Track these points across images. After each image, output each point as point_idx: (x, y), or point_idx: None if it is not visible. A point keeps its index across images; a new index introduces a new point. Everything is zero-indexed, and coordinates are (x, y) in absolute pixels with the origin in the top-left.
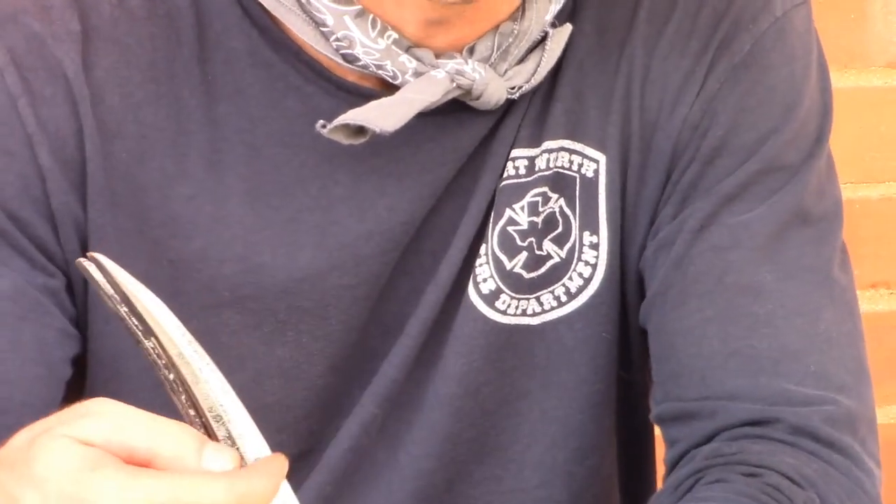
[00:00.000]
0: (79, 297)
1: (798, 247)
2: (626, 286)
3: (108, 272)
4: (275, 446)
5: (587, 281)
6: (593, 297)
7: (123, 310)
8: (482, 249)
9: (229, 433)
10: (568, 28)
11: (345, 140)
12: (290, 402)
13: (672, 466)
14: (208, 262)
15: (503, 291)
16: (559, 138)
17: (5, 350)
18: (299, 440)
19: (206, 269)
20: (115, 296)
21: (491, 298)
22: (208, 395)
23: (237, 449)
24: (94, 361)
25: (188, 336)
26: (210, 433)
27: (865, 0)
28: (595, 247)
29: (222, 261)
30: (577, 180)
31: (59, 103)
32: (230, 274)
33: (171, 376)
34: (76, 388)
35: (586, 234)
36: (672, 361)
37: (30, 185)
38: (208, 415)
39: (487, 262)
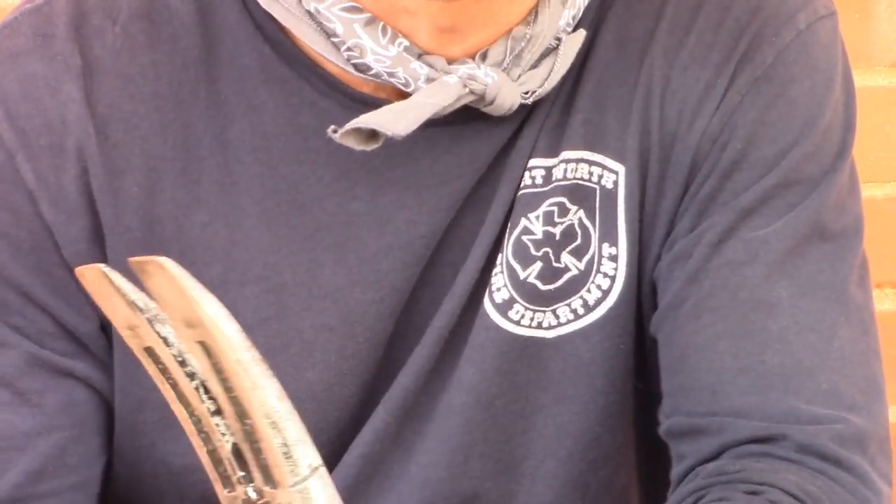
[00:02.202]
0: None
1: (815, 263)
2: (642, 297)
3: (167, 277)
4: None
5: (605, 293)
6: (612, 309)
7: (145, 317)
8: (498, 259)
9: (285, 441)
10: (581, 34)
11: (356, 146)
12: (323, 425)
13: (678, 482)
14: (228, 287)
15: (517, 301)
16: (578, 149)
17: (30, 427)
18: (332, 459)
19: (227, 294)
20: (136, 302)
21: (504, 308)
22: (265, 402)
23: (292, 457)
24: (119, 393)
25: (248, 342)
26: (260, 442)
27: (870, 0)
28: (614, 259)
29: (243, 284)
30: (597, 192)
31: (57, 152)
32: (251, 296)
33: (196, 390)
34: None
35: (605, 245)
36: (683, 374)
37: (40, 239)
38: (264, 422)
39: (502, 272)
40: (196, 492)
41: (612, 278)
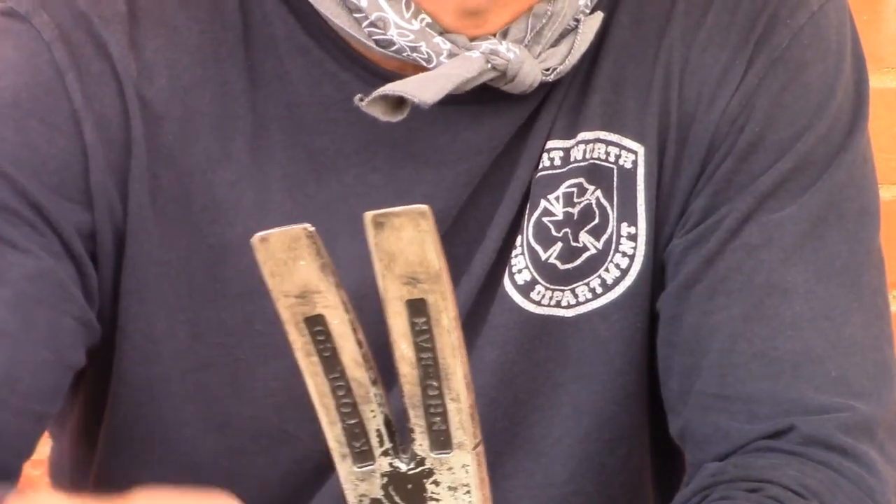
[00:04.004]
0: (106, 282)
1: (832, 246)
2: (655, 276)
3: (415, 229)
4: (310, 437)
5: (624, 272)
6: (630, 287)
7: (333, 280)
8: (518, 241)
9: (472, 403)
10: (599, 15)
11: (382, 116)
12: None
13: (692, 474)
14: (246, 249)
15: (538, 282)
16: (595, 129)
17: (17, 332)
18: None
19: (245, 256)
20: (329, 265)
21: (526, 289)
22: (465, 362)
23: (475, 419)
24: (127, 345)
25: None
26: (455, 402)
27: (879, 2)
28: (633, 238)
29: None
30: (615, 171)
31: (107, 81)
32: None
33: (363, 357)
34: (101, 377)
35: (624, 224)
36: (695, 355)
37: (72, 161)
38: (463, 382)
39: (523, 253)
40: (180, 450)
41: (631, 257)
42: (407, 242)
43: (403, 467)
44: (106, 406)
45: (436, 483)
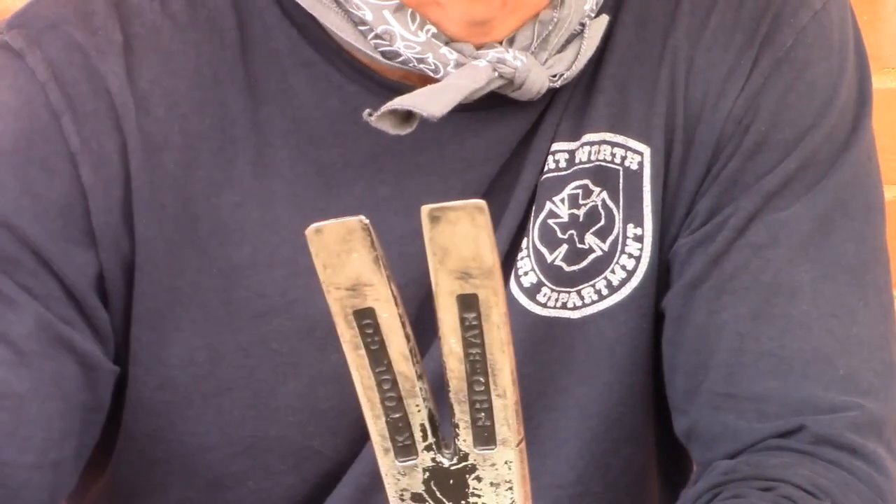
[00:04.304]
0: (117, 314)
1: (839, 244)
2: (662, 277)
3: (471, 224)
4: (334, 452)
5: (630, 273)
6: (636, 289)
7: (386, 273)
8: (523, 243)
9: (518, 399)
10: (605, 18)
11: (391, 129)
12: (344, 408)
13: (700, 473)
14: (258, 269)
15: (544, 284)
16: (600, 131)
17: (23, 390)
18: (352, 444)
19: (256, 276)
20: (383, 258)
21: (532, 292)
22: (513, 358)
23: (520, 416)
24: (140, 372)
25: None
26: (501, 398)
27: (879, 2)
28: (639, 239)
29: (271, 266)
30: (621, 173)
31: (103, 119)
32: (280, 279)
33: (410, 352)
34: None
35: (630, 226)
36: (701, 354)
37: (72, 203)
38: (510, 378)
39: (528, 256)
40: (206, 473)
41: (637, 259)
42: (462, 237)
43: (446, 462)
44: (119, 431)
45: (478, 479)
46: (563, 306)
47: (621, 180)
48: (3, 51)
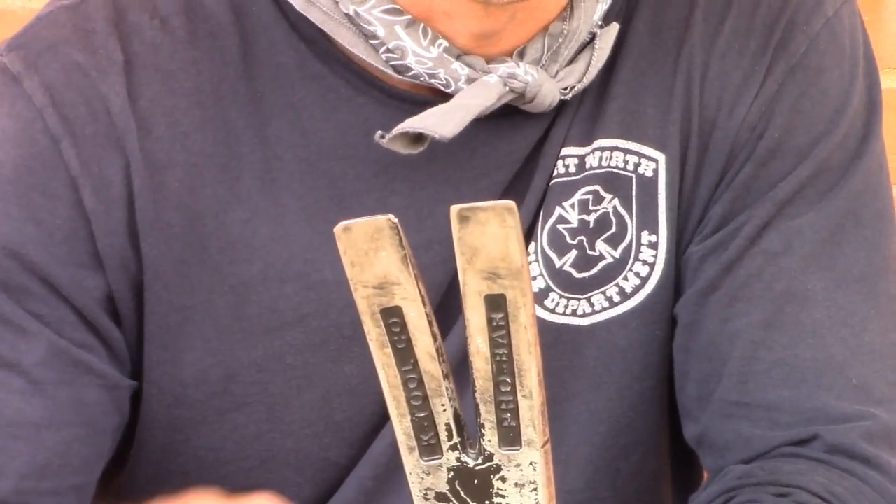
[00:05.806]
0: (129, 333)
1: (851, 253)
2: (677, 284)
3: (500, 224)
4: (350, 461)
5: (644, 280)
6: (650, 296)
7: (414, 272)
8: (531, 247)
9: (544, 401)
10: (615, 27)
11: (403, 150)
12: (359, 419)
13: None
14: (269, 284)
15: (553, 290)
16: (613, 137)
17: (39, 419)
18: (360, 449)
19: (268, 291)
20: (410, 257)
21: (540, 297)
22: (540, 359)
23: (546, 417)
24: (154, 390)
25: None
26: (527, 399)
27: (880, 2)
28: (654, 246)
29: (283, 281)
30: (634, 180)
31: (103, 141)
32: (292, 293)
33: (437, 350)
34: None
35: (644, 233)
36: (713, 361)
37: (77, 227)
38: (536, 379)
39: (537, 261)
40: (224, 485)
41: (652, 266)
42: (491, 237)
43: (471, 462)
44: (132, 447)
45: (502, 479)
46: (573, 313)
47: (634, 187)
48: (1, 75)
